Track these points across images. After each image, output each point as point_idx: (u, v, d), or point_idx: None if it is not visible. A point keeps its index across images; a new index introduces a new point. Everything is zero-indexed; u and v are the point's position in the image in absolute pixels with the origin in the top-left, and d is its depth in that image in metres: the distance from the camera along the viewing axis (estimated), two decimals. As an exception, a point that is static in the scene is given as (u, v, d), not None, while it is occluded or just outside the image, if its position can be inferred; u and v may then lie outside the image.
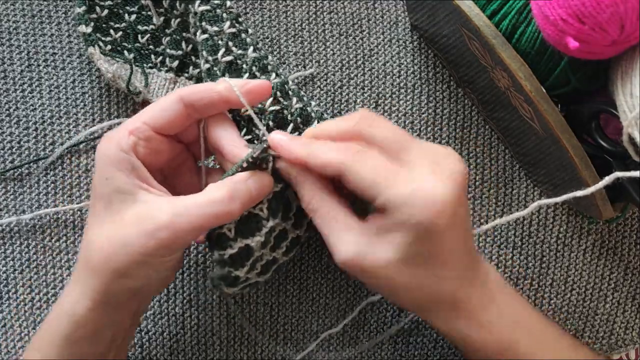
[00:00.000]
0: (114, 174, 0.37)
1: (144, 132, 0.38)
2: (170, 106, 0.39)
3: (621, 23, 0.36)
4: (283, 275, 0.52)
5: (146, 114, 0.39)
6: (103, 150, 0.38)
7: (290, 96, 0.46)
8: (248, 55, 0.45)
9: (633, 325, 0.53)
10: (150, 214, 0.36)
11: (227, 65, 0.45)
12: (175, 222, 0.36)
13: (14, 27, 0.52)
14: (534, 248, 0.53)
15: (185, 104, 0.39)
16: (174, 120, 0.39)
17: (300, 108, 0.45)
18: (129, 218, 0.37)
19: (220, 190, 0.37)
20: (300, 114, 0.45)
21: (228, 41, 0.45)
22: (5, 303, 0.51)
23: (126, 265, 0.37)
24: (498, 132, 0.52)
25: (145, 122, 0.38)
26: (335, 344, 0.52)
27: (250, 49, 0.46)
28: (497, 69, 0.42)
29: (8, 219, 0.51)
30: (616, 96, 0.39)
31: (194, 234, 0.37)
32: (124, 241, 0.36)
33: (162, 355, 0.52)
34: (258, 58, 0.46)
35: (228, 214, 0.37)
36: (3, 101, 0.52)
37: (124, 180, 0.37)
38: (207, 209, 0.36)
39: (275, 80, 0.45)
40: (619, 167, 0.42)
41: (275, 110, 0.44)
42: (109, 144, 0.38)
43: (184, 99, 0.38)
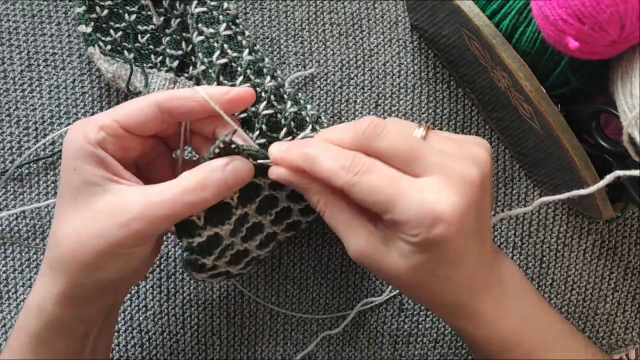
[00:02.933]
0: (81, 165, 0.36)
1: (113, 129, 0.37)
2: (145, 109, 0.38)
3: (621, 23, 0.36)
4: (283, 275, 0.52)
5: (119, 112, 0.38)
6: (69, 141, 0.37)
7: (285, 100, 0.45)
8: (243, 58, 0.45)
9: (633, 325, 0.53)
10: (122, 205, 0.36)
11: (221, 67, 0.45)
12: (147, 212, 0.35)
13: (14, 27, 0.52)
14: (534, 248, 0.53)
15: (162, 110, 0.38)
16: (146, 123, 0.38)
17: (294, 112, 0.45)
18: (100, 209, 0.36)
19: (193, 178, 0.36)
20: (294, 118, 0.45)
21: (223, 43, 0.45)
22: (5, 303, 0.52)
23: (96, 258, 0.36)
24: (498, 132, 0.52)
25: (116, 120, 0.37)
26: (335, 343, 0.52)
27: (245, 52, 0.46)
28: (497, 69, 0.42)
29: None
30: (616, 96, 0.39)
31: (168, 223, 0.36)
32: (95, 233, 0.36)
33: (162, 355, 0.52)
34: (253, 61, 0.46)
35: (201, 202, 0.36)
36: (3, 101, 0.52)
37: (92, 172, 0.36)
38: (179, 198, 0.36)
39: (270, 83, 0.45)
40: (619, 167, 0.42)
41: (268, 114, 0.44)
42: (75, 135, 0.37)
43: (160, 105, 0.38)
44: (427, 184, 0.35)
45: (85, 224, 0.36)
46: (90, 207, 0.36)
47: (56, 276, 0.37)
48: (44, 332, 0.38)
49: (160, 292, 0.52)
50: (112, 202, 0.36)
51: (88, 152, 0.36)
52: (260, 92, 0.45)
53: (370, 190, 0.35)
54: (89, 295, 0.38)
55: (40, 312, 0.38)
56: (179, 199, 0.36)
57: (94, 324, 0.40)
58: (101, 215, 0.36)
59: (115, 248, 0.36)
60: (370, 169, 0.36)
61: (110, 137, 0.37)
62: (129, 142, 0.38)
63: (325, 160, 0.36)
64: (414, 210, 0.34)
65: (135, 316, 0.52)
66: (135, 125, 0.38)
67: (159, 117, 0.38)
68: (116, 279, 0.38)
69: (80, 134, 0.37)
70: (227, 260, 0.41)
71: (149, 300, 0.52)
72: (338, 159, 0.36)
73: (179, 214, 0.36)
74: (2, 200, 0.52)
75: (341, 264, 0.52)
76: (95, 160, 0.37)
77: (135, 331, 0.51)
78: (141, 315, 0.52)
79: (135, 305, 0.51)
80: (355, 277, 0.52)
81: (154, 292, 0.52)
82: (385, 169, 0.36)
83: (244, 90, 0.39)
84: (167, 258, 0.52)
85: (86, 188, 0.36)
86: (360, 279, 0.52)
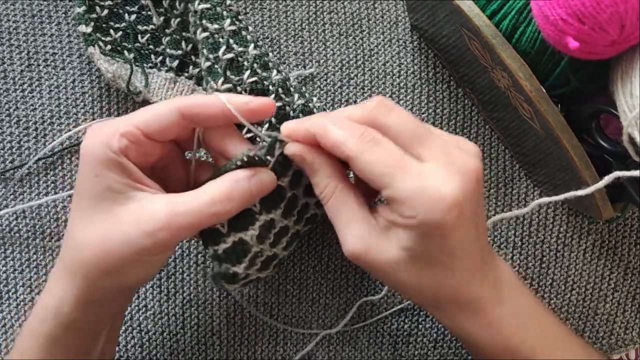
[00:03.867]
0: (104, 172, 0.36)
1: (135, 137, 0.37)
2: (167, 116, 0.37)
3: (621, 23, 0.36)
4: (283, 275, 0.52)
5: (139, 118, 0.38)
6: (90, 148, 0.37)
7: (292, 92, 0.45)
8: (249, 53, 0.45)
9: (633, 325, 0.53)
10: (148, 214, 0.36)
11: (228, 62, 0.45)
12: (173, 222, 0.36)
13: (14, 27, 0.52)
14: (534, 248, 0.53)
15: (184, 116, 0.38)
16: (168, 129, 0.38)
17: (302, 104, 0.45)
18: (125, 217, 0.36)
19: (219, 189, 0.37)
20: (303, 110, 0.45)
21: (229, 39, 0.45)
22: (5, 303, 0.51)
23: (120, 265, 0.36)
24: (498, 132, 0.52)
25: (138, 127, 0.37)
26: (335, 343, 0.52)
27: (251, 46, 0.46)
28: (497, 69, 0.42)
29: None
30: (616, 96, 0.39)
31: (192, 232, 0.37)
32: (121, 240, 0.36)
33: (162, 355, 0.52)
34: (259, 55, 0.45)
35: (227, 213, 0.37)
36: (3, 101, 0.52)
37: (115, 179, 0.36)
38: (205, 209, 0.36)
39: (276, 77, 0.45)
40: (619, 167, 0.42)
41: (277, 106, 0.44)
42: (95, 141, 0.37)
43: (182, 111, 0.37)
44: (431, 167, 0.35)
45: (110, 230, 0.36)
46: (114, 214, 0.36)
47: (75, 279, 0.38)
48: (59, 334, 0.39)
49: (160, 292, 0.52)
50: (137, 210, 0.36)
51: (111, 160, 0.36)
52: (268, 86, 0.44)
53: (376, 161, 0.35)
54: (107, 299, 0.39)
55: (57, 314, 0.38)
56: (205, 209, 0.36)
57: (105, 326, 0.41)
58: (127, 222, 0.36)
59: (140, 256, 0.36)
60: (379, 142, 0.36)
61: (132, 145, 0.37)
62: (149, 149, 0.38)
63: (337, 129, 0.36)
64: (415, 190, 0.35)
65: (135, 316, 0.52)
66: (157, 131, 0.38)
67: (181, 124, 0.38)
68: (135, 284, 0.39)
69: (101, 141, 0.37)
70: (258, 268, 0.41)
71: (149, 300, 0.52)
72: (349, 128, 0.36)
73: (204, 224, 0.37)
74: (2, 200, 0.52)
75: (341, 264, 0.52)
76: (118, 168, 0.37)
77: (135, 331, 0.52)
78: (141, 315, 0.52)
79: (135, 305, 0.51)
80: (355, 277, 0.52)
81: (154, 292, 0.52)
82: (392, 145, 0.36)
83: (266, 101, 0.39)
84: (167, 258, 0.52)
85: (108, 195, 0.36)
86: (360, 279, 0.52)
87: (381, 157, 0.35)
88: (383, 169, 0.35)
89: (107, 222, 0.37)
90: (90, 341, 0.40)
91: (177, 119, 0.37)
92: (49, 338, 0.39)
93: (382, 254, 0.37)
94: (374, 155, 0.35)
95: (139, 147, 0.38)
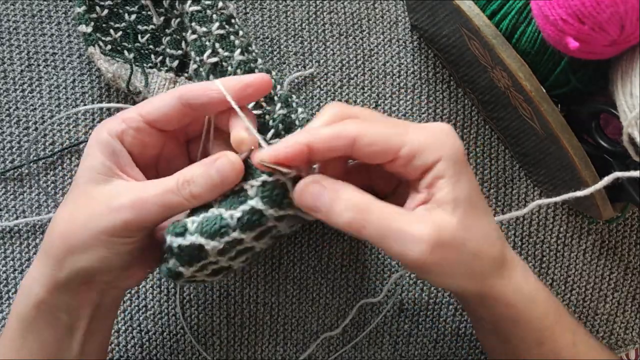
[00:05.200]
0: (94, 152, 0.38)
1: (135, 122, 0.38)
2: (168, 102, 0.38)
3: (621, 23, 0.36)
4: (283, 275, 0.52)
5: (143, 106, 0.39)
6: (94, 132, 0.39)
7: (275, 101, 0.45)
8: (234, 58, 0.45)
9: (633, 325, 0.53)
10: (115, 194, 0.37)
11: (211, 66, 0.45)
12: (137, 202, 0.36)
13: (14, 27, 0.52)
14: (534, 248, 0.53)
15: (183, 102, 0.38)
16: (168, 115, 0.38)
17: (283, 115, 0.44)
18: (96, 196, 0.37)
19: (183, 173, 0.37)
20: (283, 120, 0.44)
21: (215, 42, 0.45)
22: (5, 303, 0.51)
23: (82, 241, 0.37)
24: (498, 132, 0.52)
25: (140, 114, 0.39)
26: (335, 344, 0.52)
27: (237, 52, 0.45)
28: (497, 69, 0.42)
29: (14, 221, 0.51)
30: (616, 96, 0.39)
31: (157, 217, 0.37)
32: (85, 216, 0.37)
33: (162, 355, 0.52)
34: (244, 61, 0.45)
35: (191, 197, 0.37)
36: (3, 101, 0.52)
37: (101, 161, 0.38)
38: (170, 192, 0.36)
39: None
40: (619, 167, 0.42)
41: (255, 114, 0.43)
42: (101, 127, 0.39)
43: (181, 97, 0.38)
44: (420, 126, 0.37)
45: (78, 208, 0.38)
46: (87, 194, 0.38)
47: (47, 260, 0.38)
48: (30, 316, 0.39)
49: (160, 292, 0.52)
50: (108, 191, 0.37)
51: (104, 142, 0.38)
52: None
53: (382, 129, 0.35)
54: (72, 283, 0.38)
55: (29, 294, 0.39)
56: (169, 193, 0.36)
57: (80, 318, 0.40)
58: (94, 201, 0.37)
59: (102, 234, 0.36)
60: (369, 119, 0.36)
61: (131, 130, 0.38)
62: (149, 137, 0.39)
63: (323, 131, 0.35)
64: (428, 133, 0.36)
65: (135, 316, 0.52)
66: (158, 117, 0.38)
67: (181, 110, 0.38)
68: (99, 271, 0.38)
69: (105, 127, 0.39)
70: (208, 274, 0.39)
71: (149, 300, 0.52)
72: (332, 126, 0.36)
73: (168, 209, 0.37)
74: (2, 200, 0.52)
75: (341, 264, 0.52)
76: (108, 151, 0.38)
77: (135, 331, 0.52)
78: (141, 315, 0.52)
79: (135, 305, 0.52)
80: (355, 277, 0.52)
81: (154, 292, 0.52)
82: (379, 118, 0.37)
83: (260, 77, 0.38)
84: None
85: (90, 175, 0.38)
86: (360, 279, 0.52)
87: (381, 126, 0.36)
88: (391, 132, 0.35)
89: (78, 201, 0.38)
90: (63, 333, 0.40)
91: (177, 104, 0.38)
92: (22, 320, 0.39)
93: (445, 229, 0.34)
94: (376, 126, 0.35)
95: (138, 134, 0.38)
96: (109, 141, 0.38)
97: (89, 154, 0.38)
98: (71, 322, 0.40)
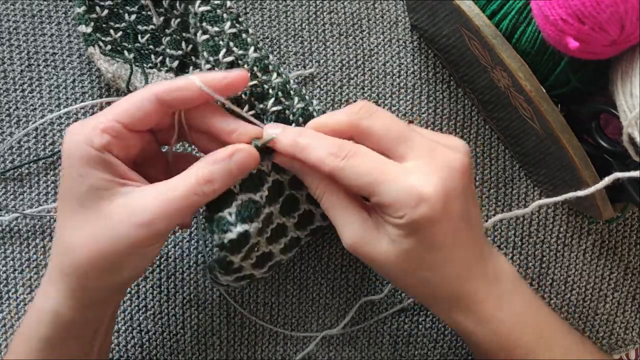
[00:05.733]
0: (87, 171, 0.36)
1: (117, 131, 0.37)
2: (144, 104, 0.37)
3: (621, 23, 0.36)
4: (283, 275, 0.52)
5: (118, 111, 0.37)
6: (71, 147, 0.36)
7: (292, 96, 0.45)
8: (249, 56, 0.45)
9: (633, 325, 0.53)
10: (139, 206, 0.36)
11: (228, 65, 0.45)
12: (166, 209, 0.36)
13: (14, 27, 0.52)
14: (534, 248, 0.53)
15: (160, 102, 0.37)
16: (147, 117, 0.37)
17: (302, 108, 0.45)
18: (114, 213, 0.36)
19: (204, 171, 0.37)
20: (302, 114, 0.45)
21: (229, 41, 0.45)
22: (5, 303, 0.51)
23: (113, 261, 0.36)
24: (498, 132, 0.52)
25: (118, 120, 0.37)
26: (335, 343, 0.52)
27: (251, 49, 0.46)
28: (497, 69, 0.42)
29: (11, 215, 0.51)
30: (616, 96, 0.39)
31: (183, 217, 0.37)
32: (113, 237, 0.36)
33: (162, 355, 0.52)
34: (259, 58, 0.46)
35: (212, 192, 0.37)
36: (3, 101, 0.52)
37: (100, 177, 0.36)
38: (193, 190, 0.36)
39: (277, 80, 0.45)
40: (619, 167, 0.42)
41: (277, 110, 0.44)
42: (76, 139, 0.36)
43: (159, 96, 0.37)
44: (413, 167, 0.37)
45: (100, 228, 0.36)
46: (102, 212, 0.36)
47: (70, 281, 0.37)
48: (57, 337, 0.38)
49: (160, 292, 0.52)
50: (126, 204, 0.36)
51: (94, 158, 0.36)
52: (268, 89, 0.44)
53: (356, 174, 0.36)
54: (104, 298, 0.39)
55: (55, 317, 0.38)
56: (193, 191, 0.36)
57: (102, 327, 0.41)
58: (116, 218, 0.36)
59: (134, 249, 0.36)
60: (357, 154, 0.37)
61: (114, 140, 0.37)
62: (131, 141, 0.38)
63: (315, 148, 0.38)
64: (399, 192, 0.36)
65: (135, 316, 0.52)
66: (137, 121, 0.37)
67: (159, 110, 0.38)
68: (129, 278, 0.39)
69: (80, 138, 0.36)
70: (253, 263, 0.41)
71: (149, 300, 0.52)
72: (325, 146, 0.38)
73: (193, 207, 0.37)
74: (2, 200, 0.52)
75: (341, 264, 0.52)
76: (103, 165, 0.36)
77: (135, 331, 0.52)
78: (141, 315, 0.52)
79: (135, 305, 0.52)
80: (355, 277, 0.52)
81: (154, 292, 0.52)
82: (371, 154, 0.37)
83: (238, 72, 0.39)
84: (167, 258, 0.52)
85: (94, 193, 0.36)
86: (360, 279, 0.52)
87: (362, 168, 0.36)
88: (365, 179, 0.36)
89: (96, 222, 0.36)
90: (88, 344, 0.40)
91: (155, 105, 0.37)
92: (46, 341, 0.38)
93: (376, 246, 0.38)
94: (354, 167, 0.37)
95: (121, 141, 0.37)
96: (98, 156, 0.36)
97: (82, 175, 0.36)
98: (96, 331, 0.40)
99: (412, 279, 0.39)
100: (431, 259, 0.37)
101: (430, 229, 0.36)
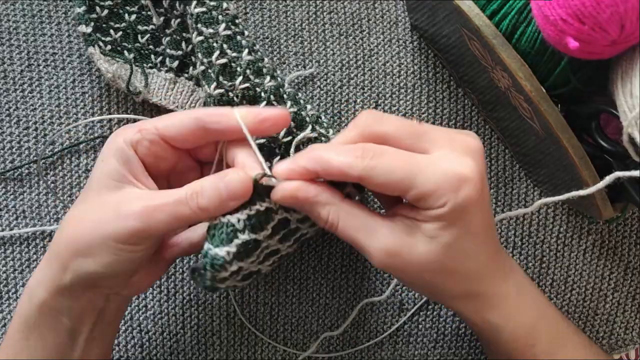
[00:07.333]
0: (108, 158, 0.38)
1: (150, 134, 0.38)
2: (184, 122, 0.38)
3: (621, 23, 0.36)
4: (283, 275, 0.52)
5: (162, 121, 0.39)
6: (111, 138, 0.39)
7: (285, 100, 0.45)
8: (242, 58, 0.45)
9: (633, 325, 0.53)
10: (126, 201, 0.37)
11: (221, 67, 0.45)
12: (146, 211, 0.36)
13: (14, 27, 0.52)
14: (534, 248, 0.53)
15: (199, 124, 0.38)
16: (183, 134, 0.38)
17: (294, 112, 0.45)
18: (107, 202, 0.37)
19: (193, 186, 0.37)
20: (294, 118, 0.45)
21: (223, 43, 0.45)
22: (5, 303, 0.52)
23: (89, 245, 0.37)
24: (498, 132, 0.52)
25: (156, 127, 0.38)
26: (335, 344, 0.52)
27: (245, 52, 0.45)
28: (497, 69, 0.42)
29: (32, 228, 0.51)
30: (616, 96, 0.39)
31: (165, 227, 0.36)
32: (94, 221, 0.37)
33: (162, 355, 0.52)
34: (253, 61, 0.45)
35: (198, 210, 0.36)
36: (3, 101, 0.52)
37: (114, 167, 0.38)
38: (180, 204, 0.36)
39: (269, 83, 0.45)
40: (619, 167, 0.42)
41: None
42: (117, 132, 0.39)
43: (198, 119, 0.38)
44: (442, 155, 0.36)
45: (88, 211, 0.38)
46: (100, 199, 0.38)
47: (53, 262, 0.38)
48: (33, 318, 0.39)
49: (160, 292, 0.52)
50: (119, 198, 0.37)
51: (118, 149, 0.38)
52: (260, 92, 0.44)
53: (389, 171, 0.35)
54: (76, 287, 0.38)
55: (32, 295, 0.39)
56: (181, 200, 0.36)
57: (83, 323, 0.40)
58: (105, 206, 0.37)
59: (110, 240, 0.36)
60: (383, 152, 0.36)
61: (146, 141, 0.38)
62: (163, 152, 0.39)
63: (337, 156, 0.36)
64: (438, 178, 0.35)
65: (135, 316, 0.52)
66: (173, 136, 0.38)
67: (196, 132, 0.38)
68: (104, 277, 0.38)
69: (120, 132, 0.39)
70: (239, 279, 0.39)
71: (149, 300, 0.52)
72: (348, 151, 0.36)
73: (181, 217, 0.36)
74: (2, 200, 0.52)
75: (341, 264, 0.52)
76: (122, 158, 0.38)
77: (135, 331, 0.52)
78: (141, 315, 0.52)
79: (135, 305, 0.52)
80: (355, 277, 0.52)
81: (154, 292, 0.52)
82: (397, 150, 0.37)
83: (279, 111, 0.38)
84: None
85: (104, 181, 0.38)
86: (360, 279, 0.52)
87: (392, 164, 0.35)
88: (400, 174, 0.35)
89: (90, 205, 0.38)
90: (66, 337, 0.40)
91: (193, 126, 0.38)
92: (25, 321, 0.39)
93: (412, 252, 0.36)
94: (386, 164, 0.35)
95: (152, 146, 0.38)
96: (123, 148, 0.38)
97: (104, 160, 0.38)
98: (73, 327, 0.40)
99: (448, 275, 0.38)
100: (469, 247, 0.37)
101: (472, 211, 0.36)
